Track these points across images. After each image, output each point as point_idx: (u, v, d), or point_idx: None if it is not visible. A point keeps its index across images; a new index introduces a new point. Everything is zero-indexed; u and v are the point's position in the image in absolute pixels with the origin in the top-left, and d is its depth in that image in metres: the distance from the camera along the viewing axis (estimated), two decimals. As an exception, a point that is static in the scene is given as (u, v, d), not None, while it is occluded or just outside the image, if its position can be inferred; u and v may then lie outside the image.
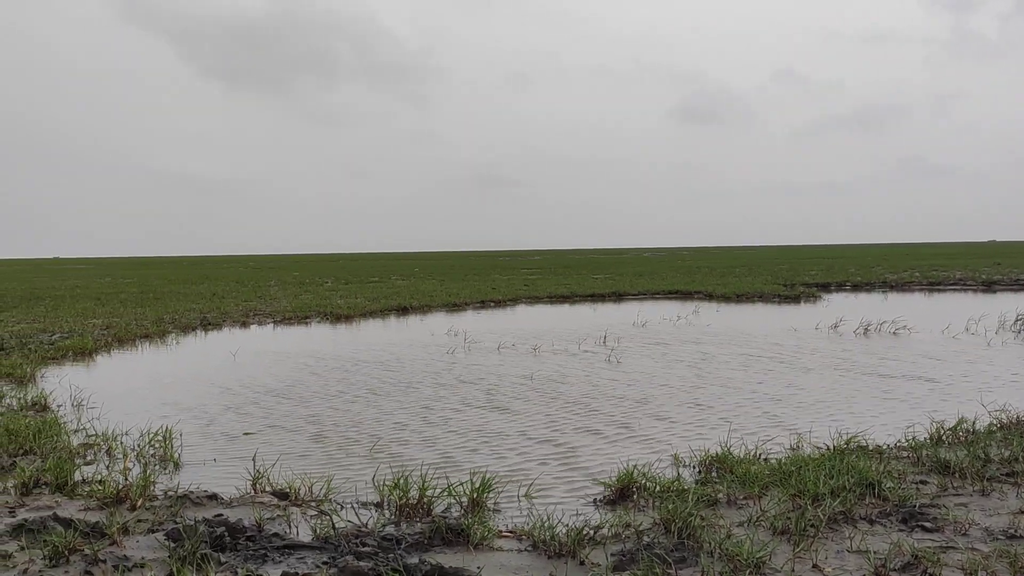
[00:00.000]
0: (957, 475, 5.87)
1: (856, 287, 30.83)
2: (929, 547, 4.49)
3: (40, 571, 4.32)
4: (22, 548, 4.65)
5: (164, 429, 7.39)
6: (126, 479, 5.84)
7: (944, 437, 6.94)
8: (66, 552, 4.49)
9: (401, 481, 5.53)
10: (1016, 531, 4.76)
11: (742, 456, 6.39)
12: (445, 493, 5.55)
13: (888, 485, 5.49)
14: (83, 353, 13.73)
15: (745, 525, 4.96)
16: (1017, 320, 16.21)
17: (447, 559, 4.55)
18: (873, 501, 5.31)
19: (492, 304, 25.24)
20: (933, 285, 30.88)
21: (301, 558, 4.60)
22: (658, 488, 5.65)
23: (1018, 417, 7.61)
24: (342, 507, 5.55)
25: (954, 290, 28.89)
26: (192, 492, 5.70)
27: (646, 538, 4.74)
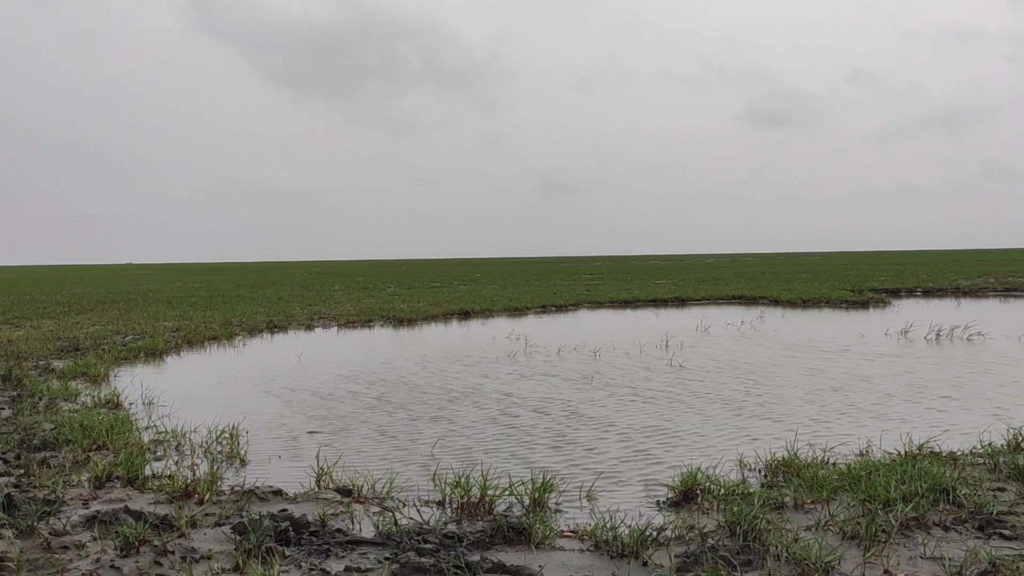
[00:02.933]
0: (1037, 483, 5.63)
1: (927, 293, 29.94)
2: (1008, 555, 4.31)
3: (111, 561, 4.44)
4: (95, 538, 4.78)
5: (231, 427, 7.55)
6: (194, 474, 5.97)
7: (1023, 444, 6.67)
8: (136, 543, 4.60)
9: (463, 480, 5.53)
10: (1102, 541, 4.54)
11: (809, 460, 6.24)
12: (506, 492, 5.54)
13: (963, 491, 5.30)
14: (154, 354, 14.12)
15: (813, 529, 4.83)
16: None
17: (508, 557, 4.54)
18: (947, 507, 5.13)
19: (554, 309, 25.20)
20: (1009, 291, 29.79)
21: (363, 553, 4.64)
22: (722, 491, 5.55)
23: (1103, 425, 7.27)
24: (404, 505, 5.58)
25: (1032, 296, 27.83)
26: (258, 487, 5.79)
27: (710, 540, 4.65)
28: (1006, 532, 4.72)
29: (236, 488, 5.80)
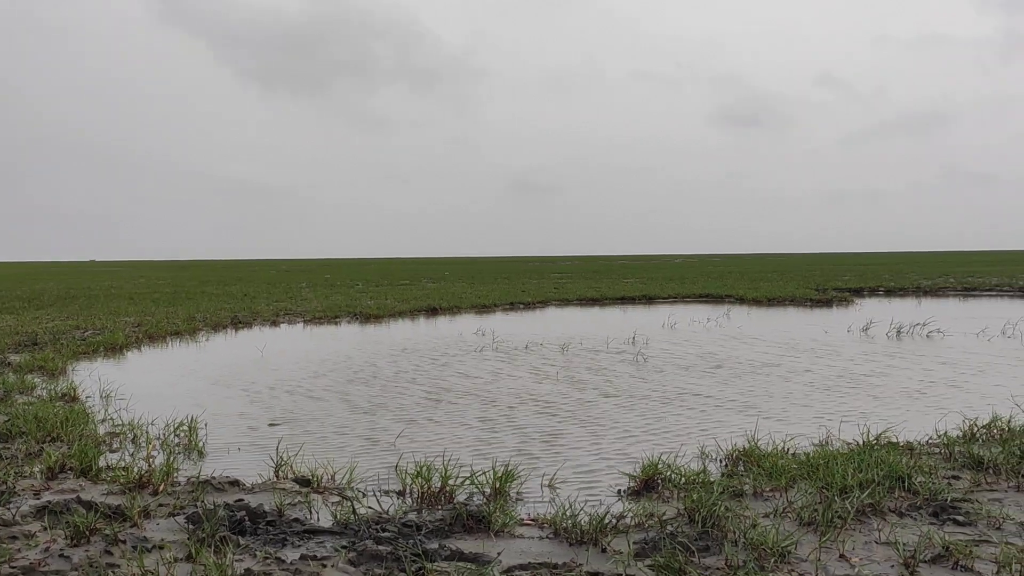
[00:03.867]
0: (991, 471, 5.71)
1: (889, 292, 30.37)
2: (961, 540, 4.36)
3: (61, 550, 4.34)
4: (45, 528, 4.68)
5: (189, 419, 7.43)
6: (149, 465, 5.86)
7: (978, 434, 6.77)
8: (87, 533, 4.51)
9: (424, 470, 5.49)
10: (1053, 526, 4.61)
11: (769, 450, 6.28)
12: (467, 482, 5.51)
13: (919, 479, 5.36)
14: (114, 349, 13.89)
15: (771, 516, 4.86)
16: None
17: (467, 545, 4.51)
18: (903, 495, 5.18)
19: (521, 306, 25.20)
20: (968, 291, 30.32)
21: (320, 542, 4.59)
22: (683, 480, 5.57)
23: (1056, 416, 7.41)
24: (364, 495, 5.53)
25: (990, 296, 28.35)
26: (214, 478, 5.71)
27: (670, 527, 4.66)
28: (959, 518, 4.78)
29: (192, 479, 5.71)
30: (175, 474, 5.81)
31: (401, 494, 5.56)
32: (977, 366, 11.46)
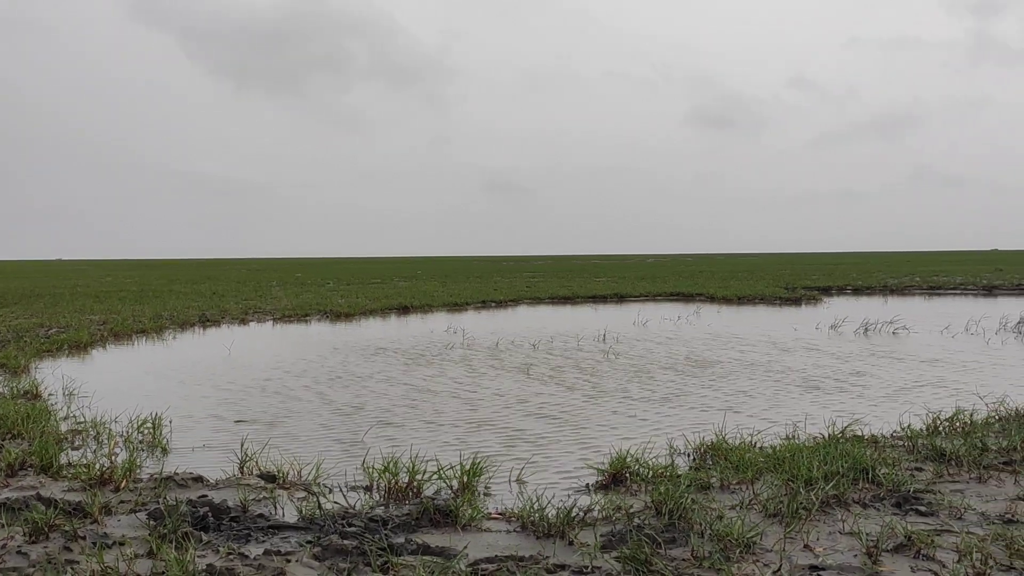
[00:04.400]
0: (953, 463, 5.79)
1: (857, 291, 30.73)
2: (923, 530, 4.41)
3: (19, 547, 4.26)
4: (2, 525, 4.59)
5: (154, 416, 7.33)
6: (112, 462, 5.77)
7: (941, 427, 6.86)
8: (46, 529, 4.43)
9: (391, 465, 5.46)
10: (1013, 516, 4.68)
11: (737, 444, 6.32)
12: (435, 476, 5.48)
13: (883, 471, 5.42)
14: (78, 346, 13.68)
15: (737, 508, 4.88)
16: (1020, 322, 16.11)
17: (434, 539, 4.48)
18: (867, 486, 5.23)
19: (494, 304, 25.18)
20: (933, 290, 30.76)
21: (285, 537, 4.53)
22: (651, 473, 5.58)
23: (1016, 410, 7.53)
24: (331, 490, 5.48)
25: (954, 294, 28.78)
26: (177, 474, 5.64)
27: (637, 520, 4.67)
28: (922, 508, 4.83)
29: (155, 475, 5.63)
30: (138, 471, 5.74)
31: (368, 489, 5.53)
32: (940, 362, 11.62)
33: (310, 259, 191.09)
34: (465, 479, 5.45)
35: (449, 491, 5.41)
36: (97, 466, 5.67)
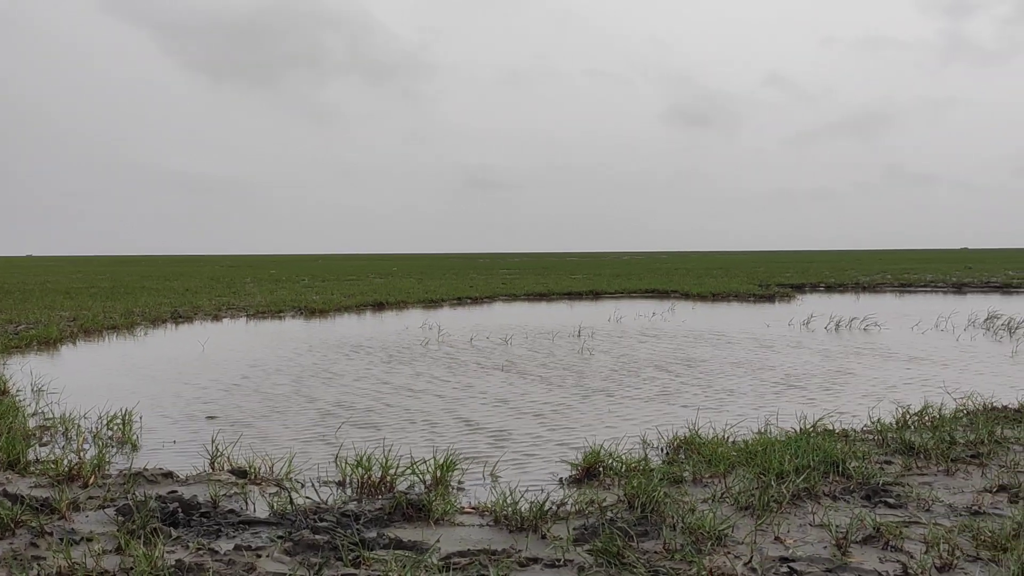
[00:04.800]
0: (922, 456, 5.86)
1: (830, 288, 31.03)
2: (892, 521, 4.46)
3: (-16, 543, 4.19)
4: (-33, 522, 4.51)
5: (123, 412, 7.24)
6: (80, 458, 5.70)
7: (910, 421, 6.95)
8: (12, 525, 4.36)
9: (364, 459, 5.43)
10: (980, 508, 4.74)
11: (710, 438, 6.35)
12: (408, 471, 5.46)
13: (853, 464, 5.48)
14: (47, 343, 13.49)
15: (709, 501, 4.91)
16: (988, 319, 16.35)
17: (406, 533, 4.47)
18: (837, 479, 5.29)
19: (469, 301, 25.15)
20: (904, 287, 31.14)
21: (256, 533, 4.50)
22: (624, 467, 5.60)
23: (983, 404, 7.64)
24: (303, 485, 5.45)
25: (925, 292, 29.15)
26: (146, 470, 5.57)
27: (609, 513, 4.68)
28: (891, 500, 4.89)
29: (124, 471, 5.56)
30: (107, 467, 5.68)
31: (341, 485, 5.50)
32: (909, 356, 11.76)
33: (285, 256, 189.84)
34: (438, 473, 5.44)
35: (422, 486, 5.40)
36: (65, 462, 5.59)
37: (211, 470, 5.75)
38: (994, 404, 7.67)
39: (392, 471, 5.38)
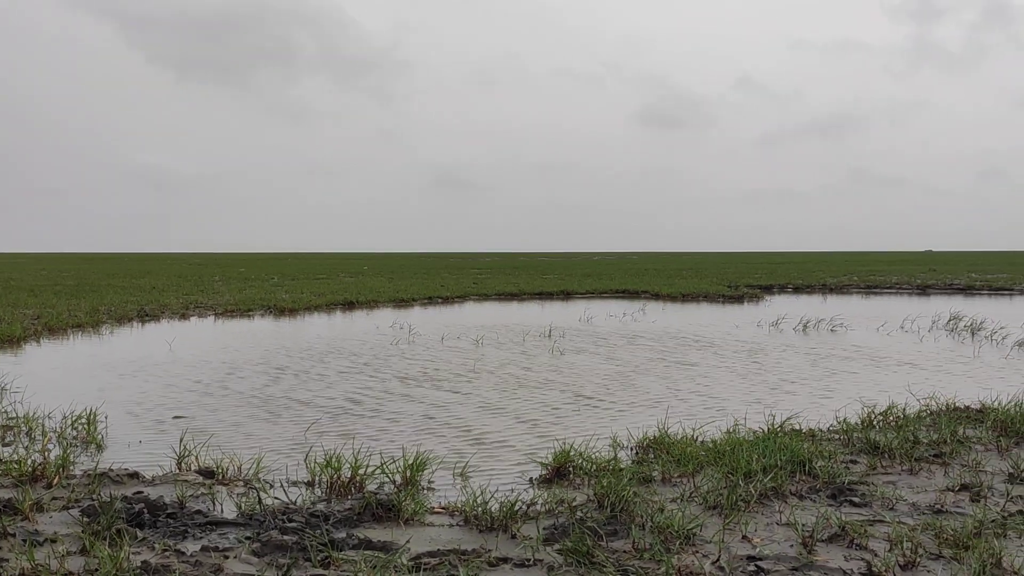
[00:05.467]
0: (887, 456, 5.95)
1: (797, 289, 31.38)
2: (857, 520, 4.53)
3: (-57, 546, 4.11)
4: (-74, 523, 4.42)
5: (88, 412, 7.14)
6: (44, 458, 5.61)
7: (875, 422, 7.05)
8: (-27, 526, 4.28)
9: (333, 460, 5.40)
10: (942, 506, 4.83)
11: (679, 438, 6.40)
12: (378, 471, 5.44)
13: (819, 464, 5.55)
14: (10, 341, 13.26)
15: (678, 501, 4.95)
16: (951, 320, 16.62)
17: (376, 534, 4.45)
18: (804, 478, 5.36)
19: (440, 300, 25.10)
20: (870, 288, 31.58)
21: (223, 534, 4.46)
22: (594, 467, 5.62)
23: (947, 404, 7.77)
24: (271, 486, 5.40)
25: (890, 293, 29.57)
26: (112, 470, 5.50)
27: (579, 513, 4.70)
28: (856, 499, 4.96)
29: (89, 472, 5.48)
30: (71, 467, 5.59)
31: (310, 485, 5.47)
32: (874, 357, 11.93)
33: (254, 254, 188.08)
34: (408, 473, 5.43)
35: (392, 486, 5.38)
36: (29, 462, 5.50)
37: (178, 470, 5.69)
38: (957, 404, 7.80)
39: (362, 471, 5.36)
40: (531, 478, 5.71)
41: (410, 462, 5.49)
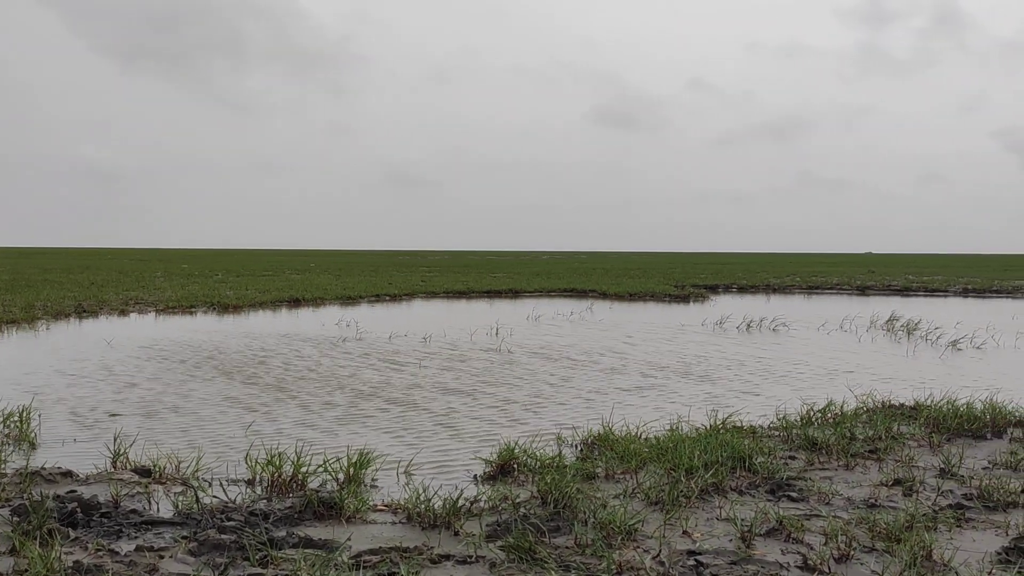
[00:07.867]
0: (824, 452, 6.08)
1: (742, 289, 31.90)
2: (794, 515, 4.61)
3: None
4: None
5: (21, 409, 6.93)
6: (-28, 457, 5.43)
7: (814, 418, 7.20)
8: None
9: (274, 458, 5.33)
10: (876, 501, 4.95)
11: (623, 435, 6.45)
12: (320, 469, 5.38)
13: (759, 460, 5.64)
14: (-60, 337, 12.81)
15: (621, 497, 4.99)
16: (888, 320, 17.05)
17: (317, 532, 4.40)
18: (744, 474, 5.44)
19: (388, 298, 24.93)
20: (812, 289, 32.25)
21: (159, 533, 4.37)
22: (538, 464, 5.64)
23: (882, 402, 7.97)
24: (210, 484, 5.30)
25: (831, 294, 30.24)
26: (44, 469, 5.34)
27: (523, 509, 4.70)
28: (794, 495, 5.06)
29: (20, 470, 5.32)
30: (2, 466, 5.43)
31: (251, 483, 5.38)
32: (812, 356, 12.18)
33: (198, 250, 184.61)
34: (351, 471, 5.38)
35: (335, 483, 5.33)
36: (-45, 462, 5.32)
37: (113, 469, 5.55)
38: (892, 402, 8.01)
39: (304, 469, 5.30)
40: (475, 475, 5.70)
41: (353, 460, 5.44)
